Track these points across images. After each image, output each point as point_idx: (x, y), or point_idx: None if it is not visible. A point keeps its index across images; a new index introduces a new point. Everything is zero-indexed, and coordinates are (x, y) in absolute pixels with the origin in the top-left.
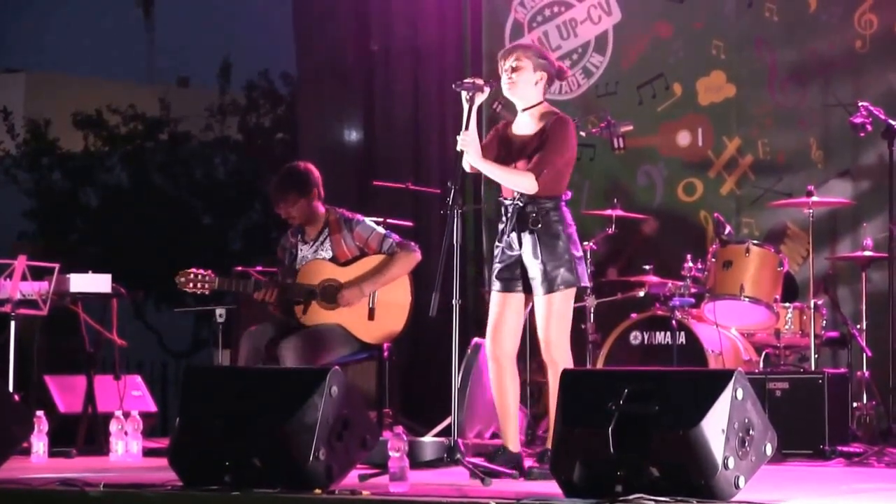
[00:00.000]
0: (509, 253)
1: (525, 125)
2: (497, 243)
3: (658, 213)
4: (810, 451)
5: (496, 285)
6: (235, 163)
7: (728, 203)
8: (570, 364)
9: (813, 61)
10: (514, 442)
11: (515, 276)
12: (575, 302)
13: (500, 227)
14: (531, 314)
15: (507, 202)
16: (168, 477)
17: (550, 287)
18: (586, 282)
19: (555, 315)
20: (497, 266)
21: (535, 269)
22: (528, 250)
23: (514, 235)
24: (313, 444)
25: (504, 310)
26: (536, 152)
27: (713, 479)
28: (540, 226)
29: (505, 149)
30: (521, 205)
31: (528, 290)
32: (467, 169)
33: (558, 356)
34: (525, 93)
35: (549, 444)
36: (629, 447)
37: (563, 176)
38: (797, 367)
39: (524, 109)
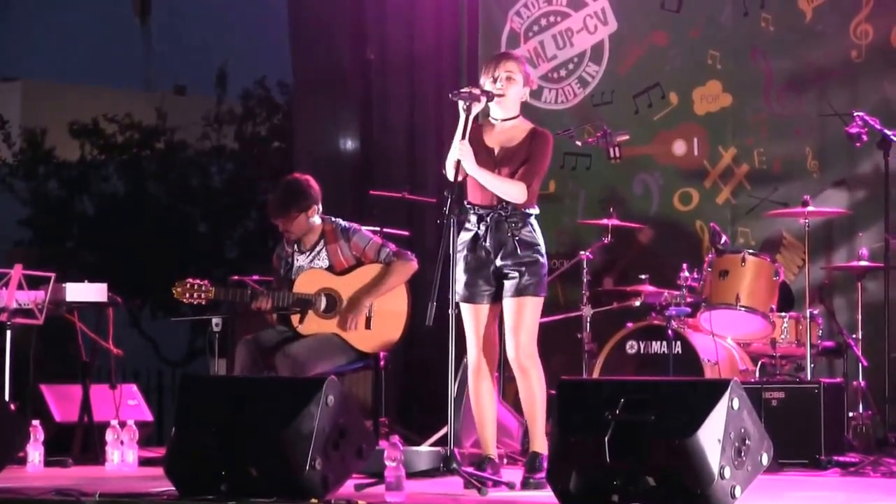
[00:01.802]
0: (484, 259)
1: (504, 135)
2: (468, 253)
3: (654, 223)
4: (806, 461)
5: (464, 294)
6: (232, 171)
7: (724, 212)
8: (540, 369)
9: (809, 71)
10: (492, 448)
11: (487, 285)
12: (568, 311)
13: (467, 234)
14: (501, 321)
15: (484, 211)
16: (164, 486)
17: (523, 292)
18: (545, 292)
19: (526, 319)
20: (466, 276)
21: (509, 275)
22: (504, 259)
23: (491, 243)
24: (309, 454)
25: (479, 320)
26: (524, 163)
27: (709, 489)
28: (518, 235)
29: (484, 155)
30: (502, 214)
31: (497, 299)
32: (450, 177)
33: (529, 362)
34: (510, 105)
35: (534, 449)
36: (625, 456)
37: (536, 188)
38: (793, 376)
39: (503, 120)
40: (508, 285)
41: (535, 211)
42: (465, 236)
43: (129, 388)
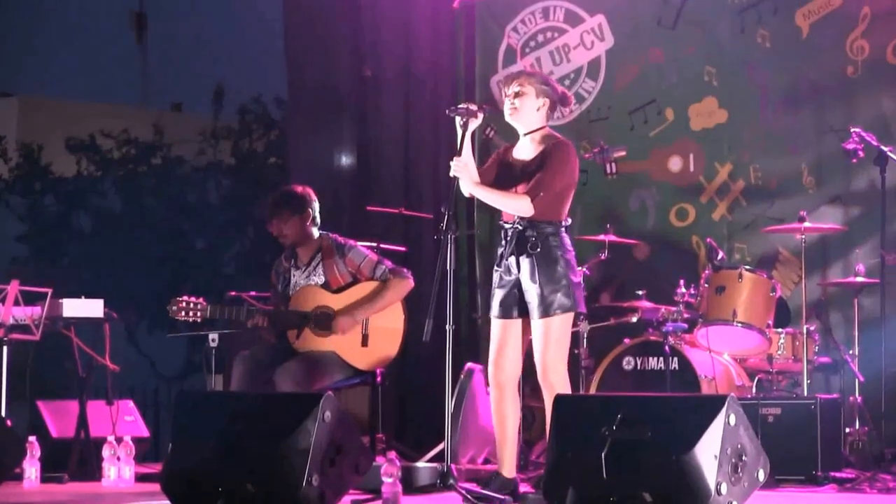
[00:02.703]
0: (507, 277)
1: (526, 150)
2: (496, 268)
3: (650, 238)
4: (803, 477)
5: (496, 311)
6: (228, 187)
7: (720, 228)
8: (567, 389)
9: (805, 87)
10: (509, 468)
11: (514, 300)
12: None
13: (500, 251)
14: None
15: (507, 226)
16: (161, 502)
17: (547, 311)
18: (583, 307)
19: (552, 340)
20: (497, 291)
21: (532, 293)
22: (526, 274)
23: (512, 259)
24: (306, 470)
25: (505, 336)
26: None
27: None
28: (539, 250)
29: (506, 173)
30: (520, 228)
31: (525, 315)
32: (466, 194)
33: (556, 381)
34: (527, 118)
35: None
36: (622, 472)
37: (562, 200)
38: (790, 392)
39: (526, 134)
40: (533, 305)
41: (563, 223)
42: (498, 252)
43: (126, 404)
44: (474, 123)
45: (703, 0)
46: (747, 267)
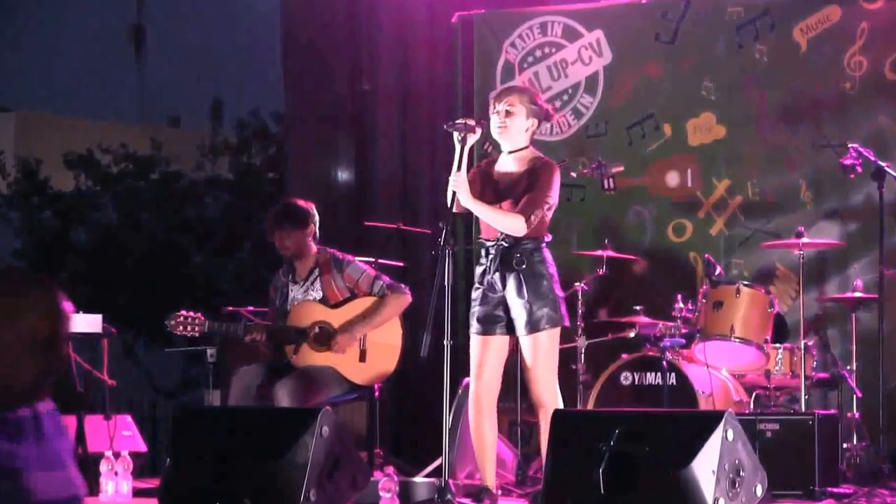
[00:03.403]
0: (492, 294)
1: (510, 166)
2: (477, 285)
3: (648, 254)
4: (800, 493)
5: (475, 328)
6: (227, 202)
7: (717, 243)
8: (559, 403)
9: (803, 102)
10: (491, 478)
11: (497, 317)
12: (562, 342)
13: (479, 268)
14: (519, 354)
15: (490, 243)
16: None
17: (536, 327)
18: (568, 321)
19: (542, 354)
20: (477, 309)
21: (519, 309)
22: (512, 291)
23: (497, 276)
24: (304, 485)
25: (486, 352)
26: (525, 194)
27: None
28: (525, 266)
29: (490, 188)
30: (505, 245)
31: (510, 331)
32: (454, 209)
33: (548, 396)
34: (514, 138)
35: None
36: (620, 488)
37: (545, 218)
38: (787, 408)
39: (510, 152)
40: (520, 322)
41: (546, 239)
42: (477, 270)
43: (124, 419)
44: (472, 138)
45: (700, 16)
46: (745, 282)
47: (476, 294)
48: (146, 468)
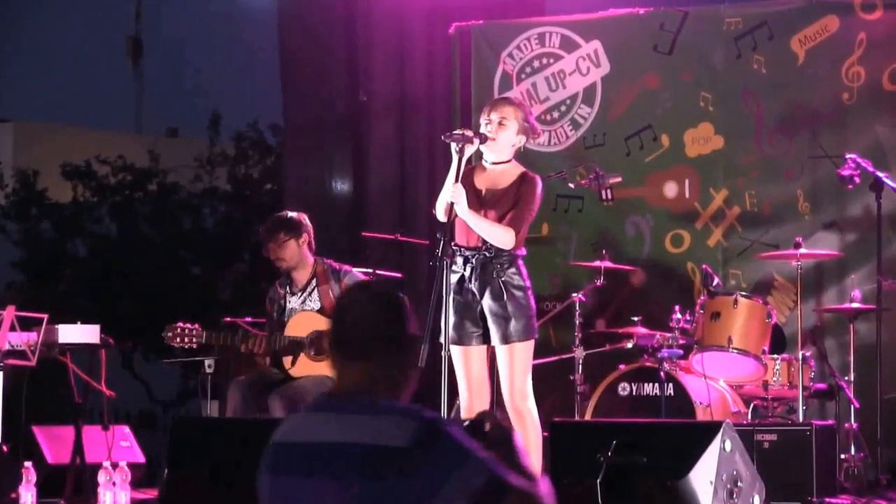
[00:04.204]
0: (470, 303)
1: (493, 178)
2: (454, 295)
3: (646, 265)
4: (798, 503)
5: (452, 337)
6: (224, 213)
7: (715, 254)
8: (535, 413)
9: (800, 113)
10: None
11: (475, 326)
12: (563, 353)
13: (455, 276)
14: (494, 365)
15: (470, 253)
16: None
17: (513, 337)
18: (537, 333)
19: (519, 364)
20: (454, 318)
21: (497, 319)
22: (489, 301)
23: (475, 285)
24: None
25: (468, 363)
26: (511, 207)
27: None
28: (504, 277)
29: (472, 196)
30: (488, 256)
31: (486, 341)
32: (441, 218)
33: (525, 405)
34: (501, 150)
35: None
36: (617, 499)
37: (524, 232)
38: (785, 418)
39: (493, 164)
40: (497, 332)
41: (522, 253)
42: (452, 278)
43: (122, 430)
44: (470, 149)
45: (698, 26)
46: (743, 293)
47: (453, 303)
48: (144, 479)
